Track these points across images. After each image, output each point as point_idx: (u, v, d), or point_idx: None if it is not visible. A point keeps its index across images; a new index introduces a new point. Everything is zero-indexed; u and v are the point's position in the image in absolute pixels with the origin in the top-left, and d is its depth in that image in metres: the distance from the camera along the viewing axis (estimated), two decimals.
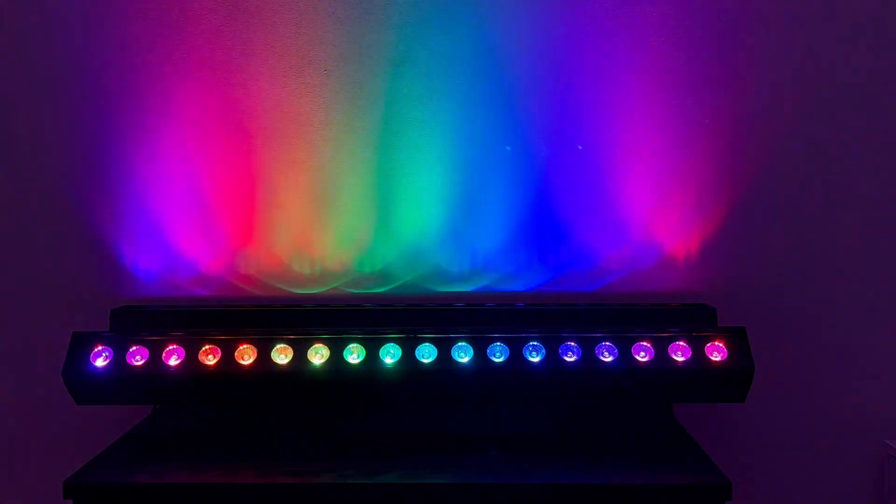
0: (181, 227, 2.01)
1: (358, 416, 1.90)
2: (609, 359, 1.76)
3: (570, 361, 1.76)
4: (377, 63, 1.97)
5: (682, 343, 1.77)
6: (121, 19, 1.96)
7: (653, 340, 1.77)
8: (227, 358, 1.77)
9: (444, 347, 1.77)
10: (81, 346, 1.78)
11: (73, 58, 1.98)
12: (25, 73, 1.99)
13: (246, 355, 1.77)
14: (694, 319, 1.91)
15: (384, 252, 2.01)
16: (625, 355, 1.76)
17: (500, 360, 1.76)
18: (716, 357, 1.76)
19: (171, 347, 1.78)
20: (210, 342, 1.78)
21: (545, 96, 1.98)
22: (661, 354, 1.76)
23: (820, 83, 1.96)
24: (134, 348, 1.78)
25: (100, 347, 1.78)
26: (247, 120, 1.99)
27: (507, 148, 1.98)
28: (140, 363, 1.77)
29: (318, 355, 1.77)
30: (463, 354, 1.76)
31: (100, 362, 1.77)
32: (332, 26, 1.96)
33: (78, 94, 1.99)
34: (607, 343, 1.77)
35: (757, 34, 1.95)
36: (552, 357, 1.76)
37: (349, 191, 2.00)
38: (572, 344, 1.77)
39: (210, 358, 1.78)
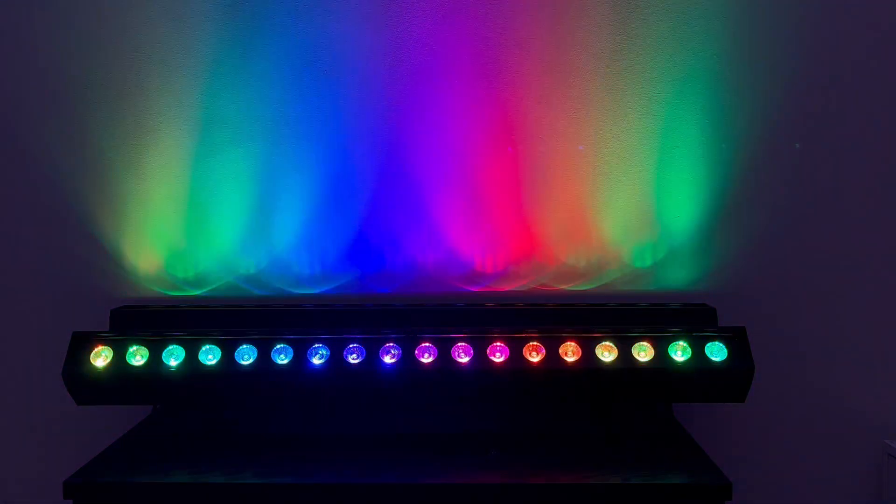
0: (182, 227, 2.01)
1: (358, 416, 1.90)
2: (609, 359, 1.76)
3: (569, 361, 1.76)
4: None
5: (682, 343, 1.77)
6: (121, 18, 1.97)
7: (653, 340, 1.77)
8: (227, 358, 1.77)
9: (443, 347, 1.77)
10: (81, 346, 1.78)
11: (71, 57, 1.98)
12: (25, 72, 1.99)
13: (246, 355, 1.78)
14: (694, 319, 1.91)
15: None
16: (625, 355, 1.76)
17: (500, 360, 1.76)
18: (716, 357, 1.76)
19: (171, 347, 1.78)
20: (210, 342, 1.78)
21: (541, 95, 1.98)
22: (661, 354, 1.76)
23: (820, 83, 1.96)
24: (134, 348, 1.78)
25: (100, 347, 1.78)
26: (247, 120, 1.99)
27: (509, 149, 1.98)
28: (140, 363, 1.77)
29: (318, 355, 1.77)
30: (463, 354, 1.76)
31: (100, 362, 1.77)
32: None
33: (77, 93, 1.99)
34: (607, 343, 1.77)
35: (758, 33, 1.95)
36: (552, 357, 1.76)
37: None
38: (571, 344, 1.77)
39: (210, 358, 1.78)
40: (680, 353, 1.76)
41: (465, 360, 1.76)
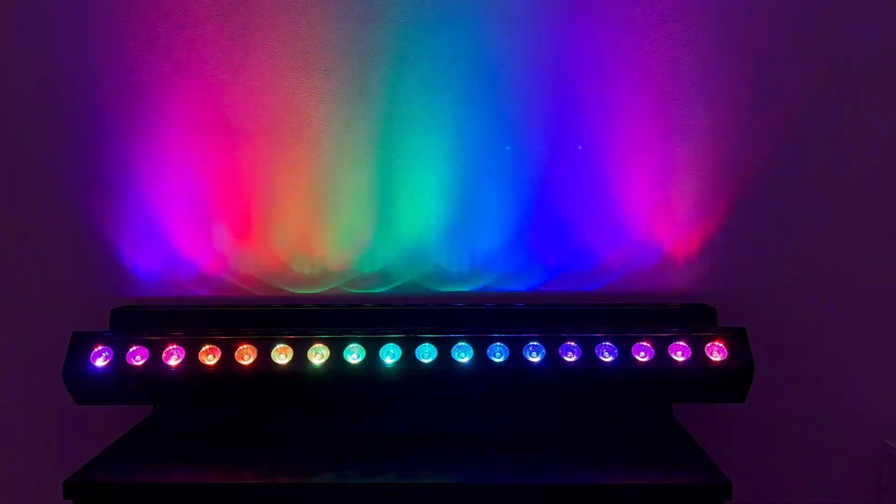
0: (181, 226, 2.01)
1: (358, 416, 1.90)
2: (609, 359, 1.76)
3: (570, 361, 1.76)
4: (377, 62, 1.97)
5: (682, 343, 1.77)
6: (120, 18, 1.96)
7: (653, 340, 1.77)
8: (227, 358, 1.77)
9: (444, 347, 1.77)
10: (81, 346, 1.79)
11: (72, 57, 1.98)
12: (25, 73, 1.99)
13: (246, 355, 1.78)
14: (694, 319, 1.91)
15: (385, 252, 2.01)
16: (625, 355, 1.76)
17: (500, 360, 1.76)
18: (716, 357, 1.76)
19: (171, 347, 1.78)
20: (210, 342, 1.78)
21: (544, 96, 1.98)
22: (661, 354, 1.76)
23: (820, 83, 1.96)
24: (134, 348, 1.78)
25: (100, 347, 1.78)
26: (247, 120, 1.99)
27: (508, 148, 1.98)
28: (140, 363, 1.77)
29: (318, 355, 1.77)
30: (463, 354, 1.77)
31: (100, 362, 1.77)
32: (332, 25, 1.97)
33: (77, 94, 1.98)
34: (607, 343, 1.77)
35: (757, 33, 1.95)
36: (552, 357, 1.76)
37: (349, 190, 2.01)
38: (572, 344, 1.77)
39: (210, 358, 1.78)
40: (680, 353, 1.76)
41: (465, 360, 1.76)
